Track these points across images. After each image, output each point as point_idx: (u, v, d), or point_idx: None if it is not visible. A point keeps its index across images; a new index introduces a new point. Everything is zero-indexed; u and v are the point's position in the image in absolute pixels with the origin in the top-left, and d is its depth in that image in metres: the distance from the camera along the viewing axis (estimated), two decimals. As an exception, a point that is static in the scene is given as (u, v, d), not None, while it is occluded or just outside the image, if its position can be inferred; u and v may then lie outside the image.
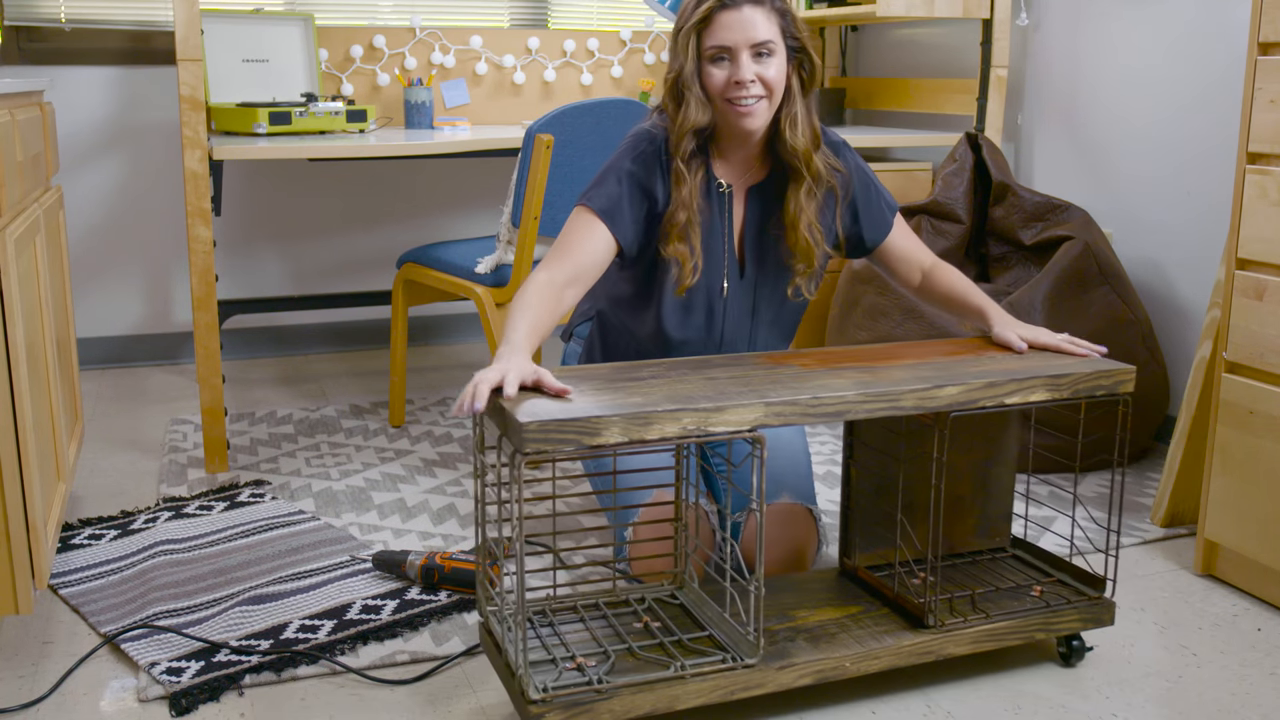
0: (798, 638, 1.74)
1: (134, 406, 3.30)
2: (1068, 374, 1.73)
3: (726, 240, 2.02)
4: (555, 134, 2.61)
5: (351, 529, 2.40)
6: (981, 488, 1.99)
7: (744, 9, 1.86)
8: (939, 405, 1.66)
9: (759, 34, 1.86)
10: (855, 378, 1.69)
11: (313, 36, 3.50)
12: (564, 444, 1.48)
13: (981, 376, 1.70)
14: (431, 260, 2.91)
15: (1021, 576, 1.95)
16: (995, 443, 1.96)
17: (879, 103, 3.96)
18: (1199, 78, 2.81)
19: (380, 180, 3.92)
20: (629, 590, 1.88)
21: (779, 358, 1.82)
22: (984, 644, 1.79)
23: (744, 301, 2.05)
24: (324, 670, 1.83)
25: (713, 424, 1.55)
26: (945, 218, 3.05)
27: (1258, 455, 2.05)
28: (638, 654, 1.68)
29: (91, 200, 3.63)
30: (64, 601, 2.07)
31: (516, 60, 3.81)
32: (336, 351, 3.98)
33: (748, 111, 1.88)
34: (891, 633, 1.76)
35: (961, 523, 1.99)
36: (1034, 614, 1.81)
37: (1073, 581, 1.92)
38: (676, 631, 1.75)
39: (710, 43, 1.87)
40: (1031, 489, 2.31)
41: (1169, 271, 2.94)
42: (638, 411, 1.51)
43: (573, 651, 1.68)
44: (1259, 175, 2.03)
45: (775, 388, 1.63)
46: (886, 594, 1.86)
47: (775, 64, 1.88)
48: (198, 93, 2.60)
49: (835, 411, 1.61)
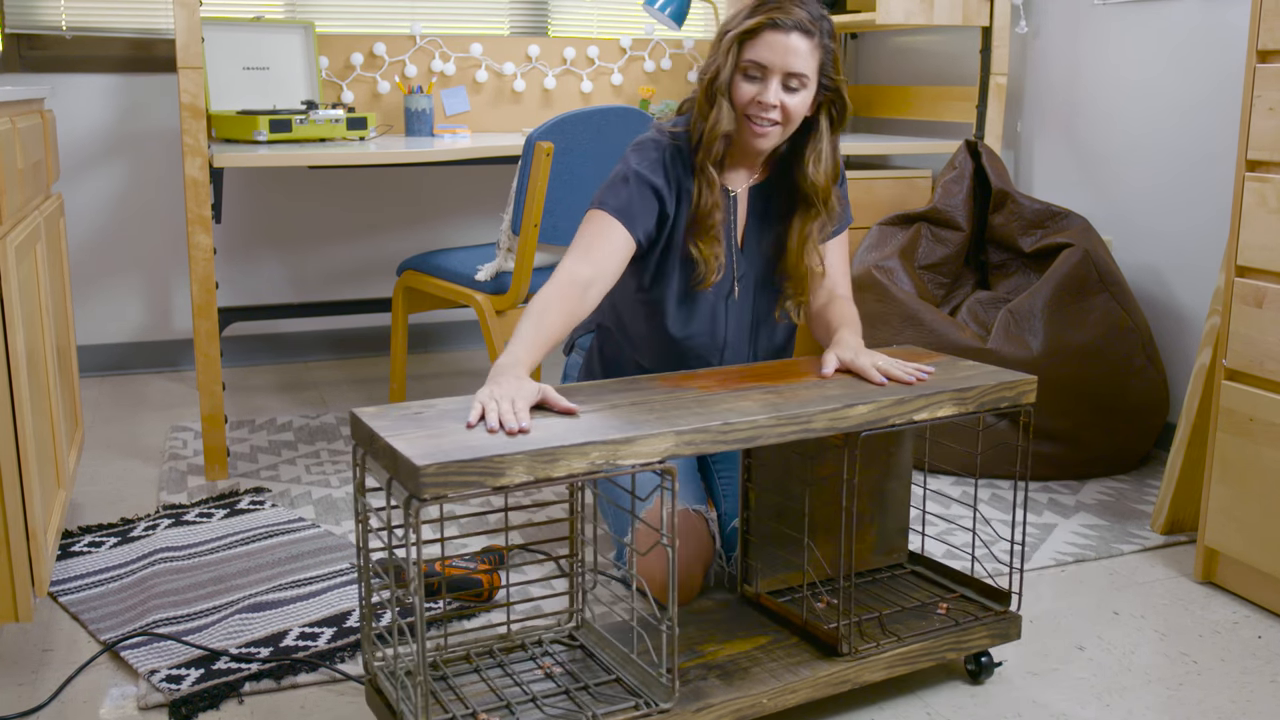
0: (710, 675, 1.66)
1: (134, 414, 3.30)
2: (973, 387, 1.71)
3: (732, 244, 2.04)
4: (555, 141, 2.61)
5: (351, 536, 2.40)
6: (880, 504, 1.96)
7: (793, 35, 1.86)
8: (850, 425, 1.63)
9: (797, 65, 1.87)
10: (762, 399, 1.63)
11: (313, 44, 3.50)
12: (465, 486, 1.35)
13: (890, 394, 1.67)
14: (431, 267, 2.92)
15: (925, 594, 1.91)
16: (892, 458, 1.94)
17: (879, 110, 3.97)
18: (1198, 85, 2.82)
19: (380, 188, 3.92)
20: (524, 634, 1.77)
21: (676, 379, 1.75)
22: (897, 668, 1.74)
23: (745, 304, 2.07)
24: (324, 678, 1.83)
25: (622, 457, 1.46)
26: (945, 225, 3.05)
27: (1258, 462, 2.05)
28: (542, 707, 1.57)
29: (92, 207, 3.63)
30: (64, 609, 2.06)
31: (517, 68, 3.82)
32: (336, 359, 3.98)
33: (762, 132, 1.91)
34: (806, 663, 1.69)
35: (861, 541, 1.96)
36: (944, 634, 1.77)
37: (977, 596, 1.89)
38: (581, 678, 1.65)
39: (749, 56, 1.88)
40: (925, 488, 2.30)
41: (1169, 278, 2.94)
42: (543, 448, 1.40)
43: (473, 708, 1.55)
44: (1258, 183, 2.04)
45: (682, 415, 1.55)
46: (795, 621, 1.80)
47: (802, 96, 1.90)
48: (198, 100, 2.60)
49: (747, 437, 1.54)
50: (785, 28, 1.86)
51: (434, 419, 1.52)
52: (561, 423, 1.51)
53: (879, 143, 3.50)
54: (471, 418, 1.49)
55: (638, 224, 1.91)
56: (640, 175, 1.93)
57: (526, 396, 1.54)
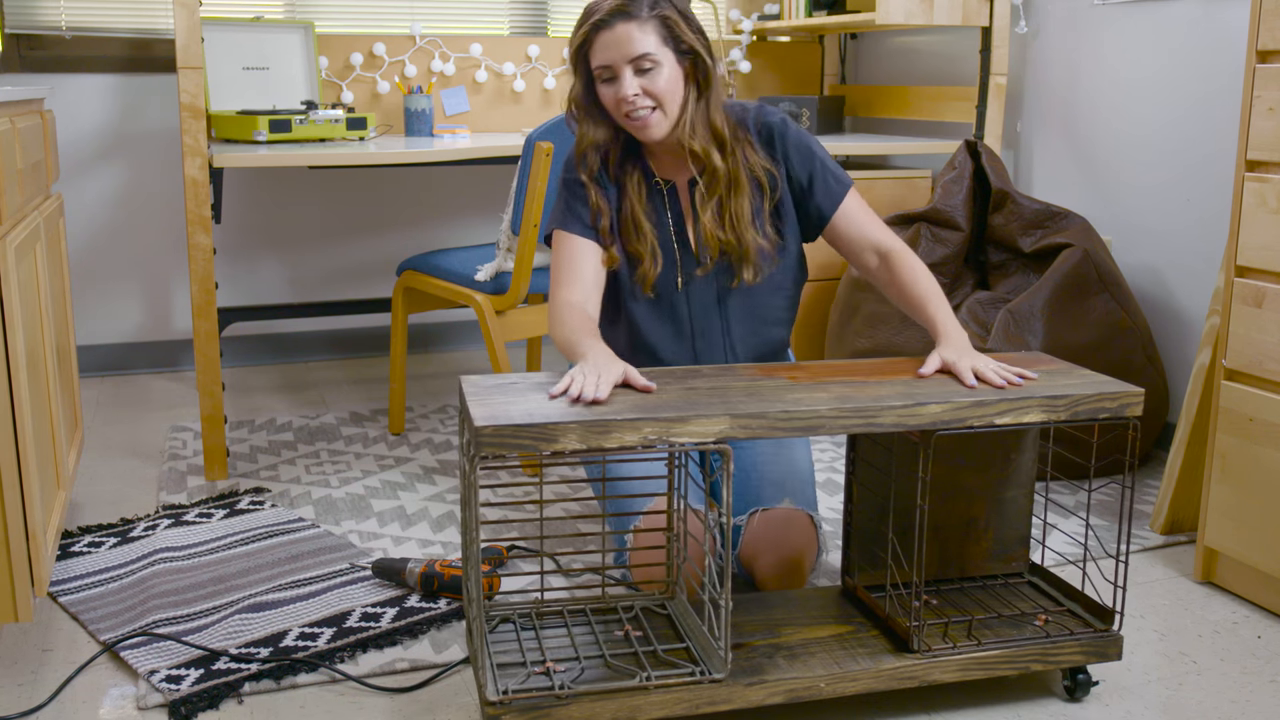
0: (776, 655, 1.70)
1: (134, 414, 3.30)
2: (1065, 395, 1.67)
3: (675, 236, 2.05)
4: (555, 141, 2.61)
5: (351, 536, 2.40)
6: (998, 510, 1.94)
7: (617, 27, 1.89)
8: (921, 423, 1.62)
9: (635, 49, 1.89)
10: (838, 392, 1.65)
11: (313, 44, 3.50)
12: (519, 448, 1.47)
13: (970, 395, 1.65)
14: (431, 268, 2.92)
15: (1030, 605, 1.88)
16: (1011, 463, 1.92)
17: (878, 110, 3.97)
18: (1198, 85, 2.82)
19: (380, 188, 3.92)
20: (619, 599, 1.87)
21: (770, 369, 1.79)
22: (972, 672, 1.72)
23: (707, 293, 2.06)
24: (324, 678, 1.83)
25: (676, 434, 1.52)
26: (945, 225, 3.05)
27: (1257, 462, 2.05)
28: (610, 662, 1.67)
29: (92, 207, 3.63)
30: (63, 609, 2.06)
31: (516, 68, 3.81)
32: (336, 359, 3.98)
33: (642, 123, 1.94)
34: (873, 655, 1.71)
35: (975, 545, 1.95)
36: (1030, 644, 1.74)
37: (1082, 612, 1.85)
38: (655, 642, 1.73)
39: (595, 63, 1.93)
40: (1049, 498, 2.28)
41: (1168, 279, 2.94)
42: (596, 419, 1.49)
43: (545, 656, 1.68)
44: (1257, 183, 2.04)
45: (749, 400, 1.60)
46: (880, 615, 1.82)
47: (663, 74, 1.91)
48: (198, 100, 2.60)
49: (805, 426, 1.57)
50: (608, 24, 1.90)
51: (522, 390, 1.65)
52: (631, 398, 1.60)
53: (879, 143, 3.50)
54: (556, 389, 1.62)
55: (589, 229, 2.00)
56: (565, 181, 2.03)
57: (613, 374, 1.66)
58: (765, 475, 2.08)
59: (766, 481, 2.07)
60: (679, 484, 1.84)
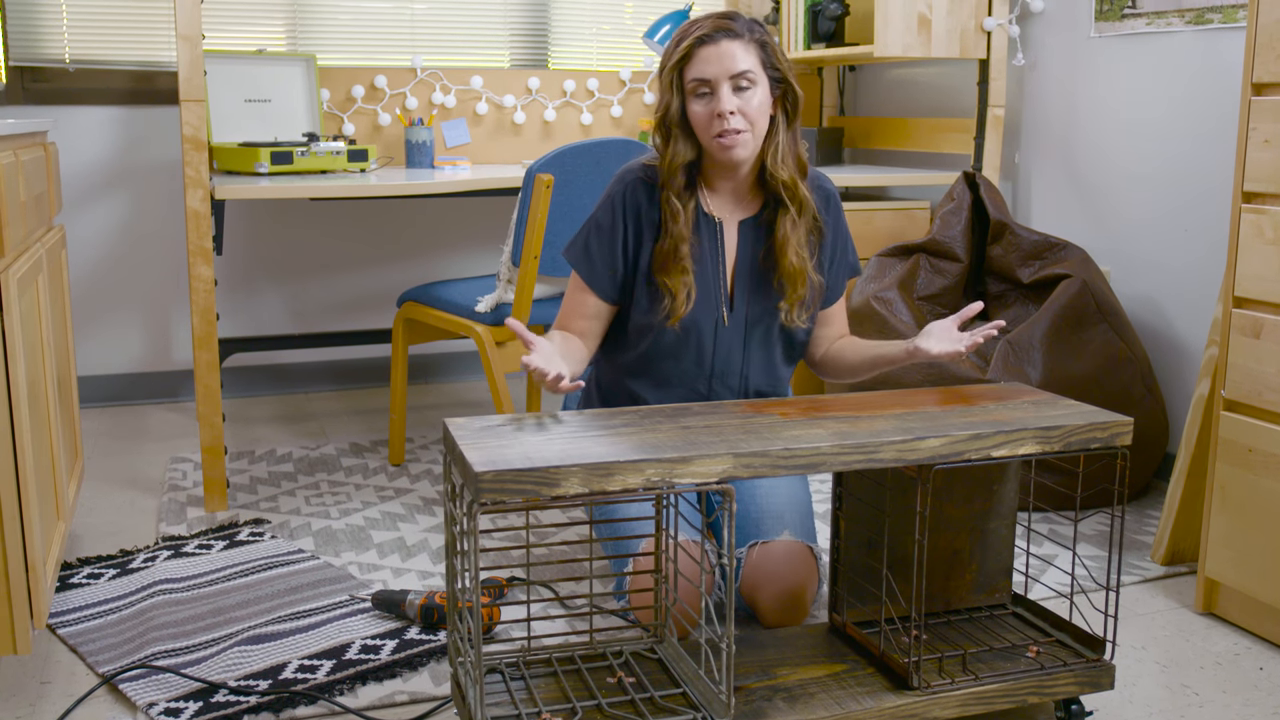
0: (775, 697, 1.67)
1: (134, 445, 3.30)
2: (1059, 426, 1.68)
3: (720, 272, 2.04)
4: (555, 174, 2.63)
5: (351, 568, 2.40)
6: (979, 541, 1.94)
7: (722, 42, 1.91)
8: (920, 458, 1.62)
9: (738, 65, 1.91)
10: (834, 428, 1.64)
11: (314, 77, 3.53)
12: (521, 493, 1.43)
13: (967, 428, 1.65)
14: (432, 299, 2.92)
15: (1019, 636, 1.88)
16: (994, 495, 1.92)
17: (877, 142, 3.99)
18: (1194, 117, 2.84)
19: (381, 219, 3.94)
20: (607, 644, 1.83)
21: (761, 406, 1.78)
22: (972, 707, 1.70)
23: (736, 334, 2.07)
24: (323, 710, 1.82)
25: (678, 475, 1.50)
26: (943, 256, 3.07)
27: (1257, 493, 2.05)
28: (606, 711, 1.62)
29: (94, 239, 3.64)
30: (62, 641, 2.06)
31: (517, 100, 3.84)
32: (336, 390, 3.98)
33: (731, 144, 1.93)
34: (874, 694, 1.69)
35: (959, 578, 1.94)
36: (1026, 676, 1.73)
37: (1072, 642, 1.85)
38: (650, 688, 1.69)
39: (691, 76, 1.93)
40: (1031, 528, 2.29)
41: (1167, 309, 2.95)
42: (599, 462, 1.46)
43: (540, 706, 1.62)
44: (1254, 214, 2.05)
45: (748, 438, 1.58)
46: (874, 652, 1.79)
47: (757, 95, 1.93)
48: (200, 133, 2.62)
49: (808, 464, 1.56)
50: (714, 39, 1.92)
51: (512, 432, 1.61)
52: (622, 439, 1.57)
53: (877, 174, 3.51)
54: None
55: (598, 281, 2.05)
56: (599, 225, 2.05)
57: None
58: (764, 507, 2.08)
59: (766, 514, 2.07)
60: (667, 524, 1.81)
